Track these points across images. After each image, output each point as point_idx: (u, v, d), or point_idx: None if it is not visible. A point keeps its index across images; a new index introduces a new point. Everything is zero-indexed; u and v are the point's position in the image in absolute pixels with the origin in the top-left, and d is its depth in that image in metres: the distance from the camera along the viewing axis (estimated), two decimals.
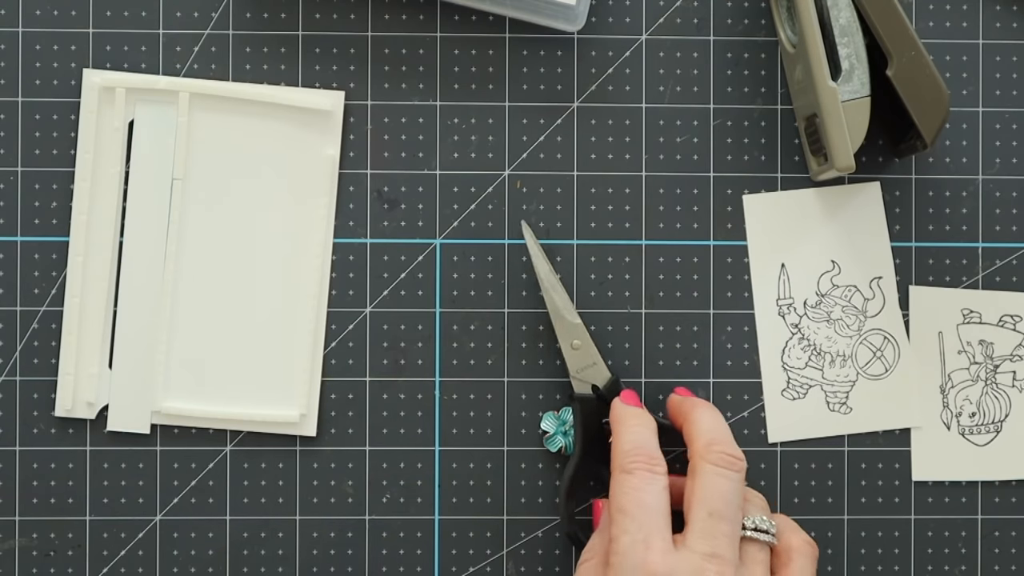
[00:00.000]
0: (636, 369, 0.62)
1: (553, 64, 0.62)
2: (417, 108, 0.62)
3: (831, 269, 0.63)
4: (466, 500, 0.62)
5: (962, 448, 0.63)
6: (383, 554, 0.62)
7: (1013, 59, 0.63)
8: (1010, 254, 0.63)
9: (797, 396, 0.63)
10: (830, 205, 0.63)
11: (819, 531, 0.62)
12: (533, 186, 0.62)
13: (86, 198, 0.61)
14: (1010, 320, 0.63)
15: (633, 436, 0.56)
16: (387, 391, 0.62)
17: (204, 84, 0.61)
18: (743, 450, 0.62)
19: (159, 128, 0.61)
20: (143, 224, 0.61)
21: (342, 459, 0.62)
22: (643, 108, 0.63)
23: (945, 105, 0.58)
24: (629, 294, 0.62)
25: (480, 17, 0.62)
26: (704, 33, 0.63)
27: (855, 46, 0.58)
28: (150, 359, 0.61)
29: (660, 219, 0.63)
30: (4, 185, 0.61)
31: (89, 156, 0.61)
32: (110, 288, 0.61)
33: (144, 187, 0.61)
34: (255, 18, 0.62)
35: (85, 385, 0.61)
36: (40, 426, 0.61)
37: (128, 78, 0.61)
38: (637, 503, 0.53)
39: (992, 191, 0.63)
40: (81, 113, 0.61)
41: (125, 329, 0.61)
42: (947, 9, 0.63)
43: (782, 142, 0.63)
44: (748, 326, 0.63)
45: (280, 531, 0.62)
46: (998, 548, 0.63)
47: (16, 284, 0.61)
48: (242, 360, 0.61)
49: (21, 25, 0.62)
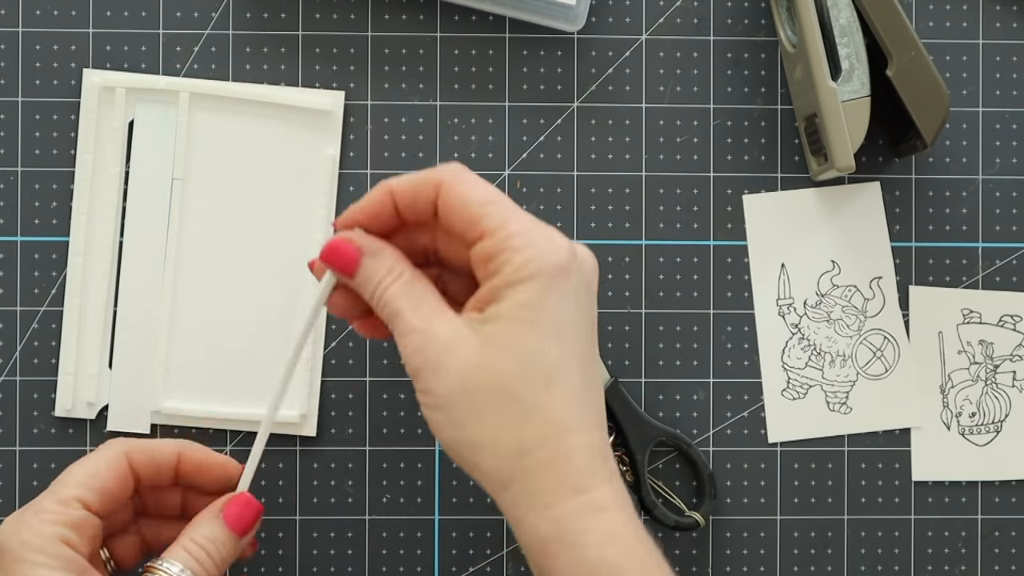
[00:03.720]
0: (636, 369, 0.62)
1: (553, 64, 0.62)
2: (417, 108, 0.62)
3: (831, 269, 0.63)
4: (466, 500, 0.62)
5: (962, 448, 0.63)
6: (383, 554, 0.62)
7: (1013, 59, 0.63)
8: (1010, 254, 0.63)
9: (797, 396, 0.63)
10: (830, 205, 0.63)
11: (819, 531, 0.62)
12: (533, 186, 0.62)
13: (86, 198, 0.61)
14: (1010, 320, 0.63)
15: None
16: (387, 391, 0.62)
17: (204, 84, 0.61)
18: (743, 450, 0.62)
19: (159, 128, 0.61)
20: (143, 224, 0.61)
21: (342, 459, 0.62)
22: (643, 108, 0.63)
23: (945, 105, 0.58)
24: (629, 294, 0.62)
25: (480, 17, 0.62)
26: (704, 33, 0.63)
27: (855, 46, 0.58)
28: (150, 359, 0.61)
29: (660, 219, 0.63)
30: (4, 185, 0.61)
31: (89, 156, 0.61)
32: (110, 288, 0.61)
33: (144, 187, 0.61)
34: (255, 18, 0.62)
35: (85, 385, 0.61)
36: (40, 426, 0.61)
37: (128, 78, 0.61)
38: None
39: (992, 191, 0.63)
40: (81, 113, 0.61)
41: (125, 329, 0.61)
42: (947, 9, 0.63)
43: (782, 142, 0.63)
44: (748, 326, 0.63)
45: (280, 531, 0.62)
46: (998, 548, 0.63)
47: (16, 284, 0.61)
48: (242, 360, 0.61)
49: (21, 25, 0.62)
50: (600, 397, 0.50)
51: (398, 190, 0.50)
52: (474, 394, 0.47)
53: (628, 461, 0.61)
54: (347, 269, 0.50)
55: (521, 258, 0.47)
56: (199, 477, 0.55)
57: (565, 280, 0.48)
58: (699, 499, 0.62)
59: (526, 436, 0.47)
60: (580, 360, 0.48)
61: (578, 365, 0.48)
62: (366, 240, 0.50)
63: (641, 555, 0.47)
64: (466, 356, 0.47)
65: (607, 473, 0.48)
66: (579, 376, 0.48)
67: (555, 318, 0.47)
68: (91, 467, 0.52)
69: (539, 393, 0.47)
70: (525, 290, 0.47)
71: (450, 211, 0.49)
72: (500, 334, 0.47)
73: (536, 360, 0.47)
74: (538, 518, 0.47)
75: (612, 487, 0.48)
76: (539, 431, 0.47)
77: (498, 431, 0.47)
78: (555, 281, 0.47)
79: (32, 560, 0.48)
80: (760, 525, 0.62)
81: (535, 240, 0.48)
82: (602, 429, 0.49)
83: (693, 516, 0.61)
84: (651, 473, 0.62)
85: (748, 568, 0.62)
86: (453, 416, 0.48)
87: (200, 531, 0.52)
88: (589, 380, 0.49)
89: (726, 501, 0.62)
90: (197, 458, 0.55)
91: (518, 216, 0.48)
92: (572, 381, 0.48)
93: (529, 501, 0.47)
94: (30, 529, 0.49)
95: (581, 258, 0.49)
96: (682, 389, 0.62)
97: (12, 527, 0.49)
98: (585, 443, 0.48)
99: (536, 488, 0.47)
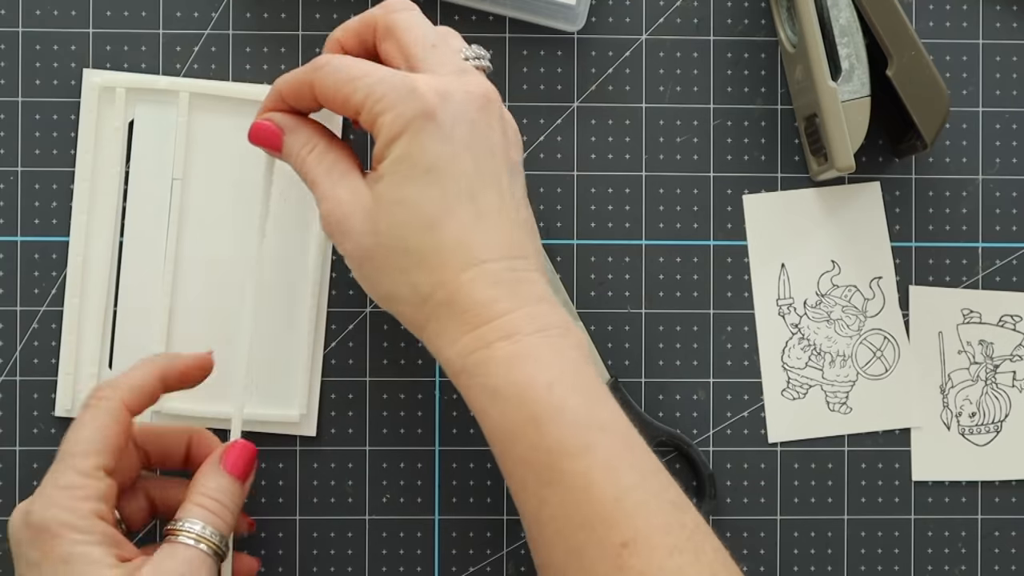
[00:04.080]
0: (636, 369, 0.62)
1: (553, 64, 0.62)
2: None
3: (831, 269, 0.63)
4: (466, 500, 0.62)
5: (962, 448, 0.63)
6: (383, 554, 0.62)
7: (1013, 59, 0.63)
8: (1010, 254, 0.63)
9: (797, 396, 0.63)
10: (830, 205, 0.63)
11: (819, 531, 0.62)
12: (533, 186, 0.62)
13: (86, 198, 0.61)
14: (1010, 320, 0.63)
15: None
16: (387, 391, 0.62)
17: (204, 84, 0.61)
18: (743, 450, 0.62)
19: (159, 128, 0.61)
20: (143, 224, 0.61)
21: (342, 459, 0.62)
22: (643, 108, 0.63)
23: (945, 105, 0.58)
24: (629, 294, 0.62)
25: (480, 17, 0.62)
26: (704, 33, 0.63)
27: (855, 46, 0.58)
28: None
29: (660, 219, 0.63)
30: (4, 185, 0.61)
31: (89, 156, 0.61)
32: (110, 288, 0.61)
33: (144, 187, 0.61)
34: (255, 18, 0.62)
35: (85, 385, 0.61)
36: (40, 426, 0.61)
37: (128, 78, 0.61)
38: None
39: (992, 191, 0.63)
40: (81, 113, 0.61)
41: (125, 329, 0.61)
42: (947, 9, 0.63)
43: (782, 142, 0.63)
44: (748, 326, 0.63)
45: (280, 531, 0.62)
46: (998, 548, 0.63)
47: (16, 284, 0.61)
48: (241, 359, 0.61)
49: (21, 25, 0.62)
50: (514, 222, 0.51)
51: (285, 91, 0.54)
52: (375, 252, 0.51)
53: None
54: (273, 145, 0.55)
55: (387, 118, 0.50)
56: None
57: (432, 124, 0.50)
58: (699, 499, 0.62)
59: (421, 283, 0.50)
60: (468, 194, 0.50)
61: (465, 200, 0.50)
62: (284, 119, 0.54)
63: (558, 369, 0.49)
64: (363, 218, 0.51)
65: (518, 300, 0.50)
66: (469, 211, 0.50)
67: (428, 163, 0.50)
68: (100, 430, 0.52)
69: (424, 239, 0.50)
70: (396, 146, 0.50)
71: (328, 101, 0.52)
72: (385, 191, 0.50)
73: (415, 209, 0.50)
74: (448, 355, 0.50)
75: (526, 312, 0.50)
76: (431, 276, 0.50)
77: (399, 283, 0.51)
78: (423, 127, 0.50)
79: (72, 539, 0.49)
80: (760, 525, 0.62)
81: (398, 98, 0.50)
82: (513, 256, 0.51)
83: None
84: None
85: (748, 568, 0.62)
86: (367, 273, 0.52)
87: (207, 485, 0.53)
88: (486, 210, 0.50)
89: (726, 501, 0.62)
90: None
91: (382, 80, 0.50)
92: (461, 218, 0.50)
93: (439, 341, 0.50)
94: (62, 507, 0.50)
95: (453, 95, 0.50)
96: (682, 389, 0.62)
97: (42, 506, 0.50)
98: (482, 275, 0.50)
99: (442, 329, 0.50)
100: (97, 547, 0.49)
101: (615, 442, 0.48)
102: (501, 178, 0.51)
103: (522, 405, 0.48)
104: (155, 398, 0.55)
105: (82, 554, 0.49)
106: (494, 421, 0.49)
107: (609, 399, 0.50)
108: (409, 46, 0.52)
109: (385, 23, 0.53)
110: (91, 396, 0.53)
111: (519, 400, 0.48)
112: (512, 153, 0.52)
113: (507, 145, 0.52)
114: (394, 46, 0.53)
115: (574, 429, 0.48)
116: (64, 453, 0.51)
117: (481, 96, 0.51)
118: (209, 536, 0.51)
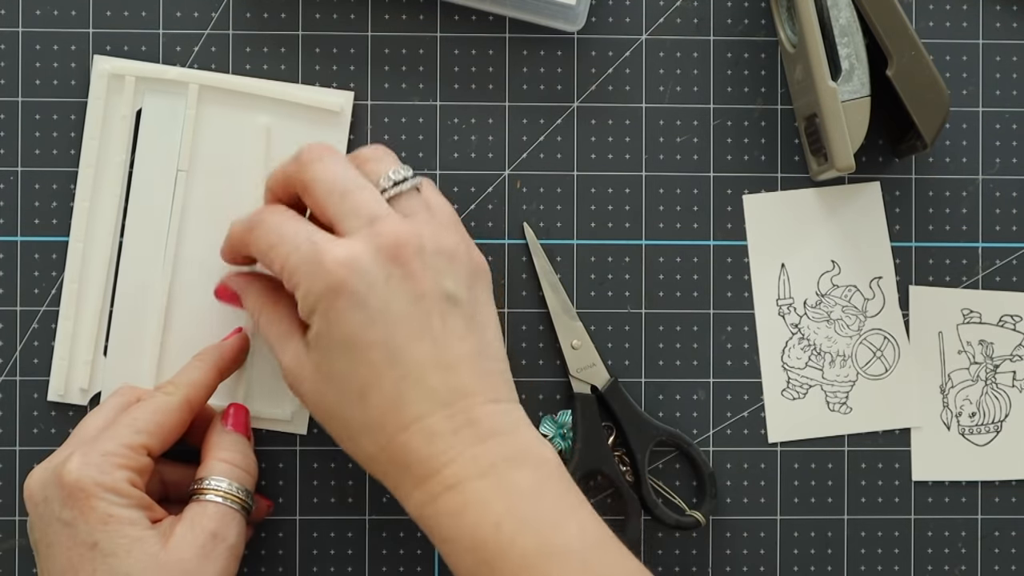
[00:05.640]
0: (636, 369, 0.62)
1: (553, 64, 0.62)
2: (417, 108, 0.62)
3: (831, 269, 0.63)
4: None
5: (962, 448, 0.63)
6: (383, 554, 0.62)
7: (1013, 59, 0.63)
8: (1010, 254, 0.63)
9: (797, 396, 0.63)
10: (830, 205, 0.63)
11: (819, 531, 0.62)
12: (533, 186, 0.62)
13: (89, 185, 0.61)
14: (1010, 320, 0.63)
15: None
16: None
17: (214, 76, 0.61)
18: (743, 450, 0.62)
19: (167, 119, 0.61)
20: (145, 214, 0.61)
21: (342, 459, 0.62)
22: (643, 108, 0.63)
23: (945, 105, 0.58)
24: (629, 294, 0.62)
25: (480, 17, 0.62)
26: (704, 33, 0.63)
27: (855, 46, 0.58)
28: (145, 349, 0.61)
29: (660, 219, 0.63)
30: (4, 185, 0.61)
31: (95, 143, 0.61)
32: (109, 275, 0.61)
33: (148, 177, 0.61)
34: (255, 18, 0.62)
35: (79, 371, 0.60)
36: (40, 426, 0.61)
37: (138, 66, 0.61)
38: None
39: (992, 191, 0.63)
40: (89, 100, 0.61)
41: (121, 318, 0.61)
42: (947, 9, 0.63)
43: (782, 142, 0.63)
44: (748, 326, 0.63)
45: (280, 531, 0.62)
46: (998, 548, 0.63)
47: (16, 284, 0.61)
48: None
49: (21, 25, 0.62)
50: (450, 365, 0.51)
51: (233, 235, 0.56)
52: (322, 418, 0.53)
53: (628, 461, 0.61)
54: (237, 304, 0.57)
55: (300, 294, 0.51)
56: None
57: (342, 299, 0.50)
58: (699, 498, 0.62)
59: (366, 445, 0.52)
60: (390, 358, 0.51)
61: (389, 365, 0.51)
62: (236, 281, 0.57)
63: (504, 507, 0.49)
64: (308, 387, 0.53)
65: (459, 446, 0.50)
66: (395, 374, 0.51)
67: (343, 338, 0.51)
68: (160, 416, 0.54)
69: (355, 411, 0.51)
70: (313, 322, 0.51)
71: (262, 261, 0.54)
72: (316, 363, 0.52)
73: (342, 383, 0.51)
74: (406, 506, 0.52)
75: (469, 456, 0.50)
76: (372, 440, 0.51)
77: (348, 442, 0.53)
78: (333, 304, 0.51)
79: (107, 499, 0.51)
80: (760, 525, 0.62)
81: (307, 272, 0.51)
82: (449, 403, 0.51)
83: (694, 515, 0.61)
84: (651, 473, 0.62)
85: (748, 568, 0.62)
86: (325, 426, 0.54)
87: (221, 443, 0.56)
88: (416, 365, 0.51)
89: (726, 501, 0.62)
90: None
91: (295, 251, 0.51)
92: (388, 383, 0.51)
93: (397, 493, 0.52)
94: (100, 470, 0.52)
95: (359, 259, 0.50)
96: (682, 389, 0.62)
97: (79, 466, 0.52)
98: (418, 433, 0.50)
99: (395, 484, 0.52)
100: (134, 510, 0.52)
101: (571, 567, 0.49)
102: (431, 321, 0.51)
103: (474, 550, 0.49)
104: (213, 391, 0.57)
105: (121, 516, 0.51)
106: (452, 564, 0.51)
107: (574, 512, 0.51)
108: (321, 203, 0.52)
109: (300, 181, 0.53)
110: (156, 388, 0.57)
111: (471, 544, 0.49)
112: (446, 280, 0.52)
113: (437, 275, 0.51)
114: (311, 202, 0.53)
115: (523, 563, 0.49)
116: (118, 424, 0.54)
117: (392, 246, 0.51)
118: (236, 492, 0.54)
